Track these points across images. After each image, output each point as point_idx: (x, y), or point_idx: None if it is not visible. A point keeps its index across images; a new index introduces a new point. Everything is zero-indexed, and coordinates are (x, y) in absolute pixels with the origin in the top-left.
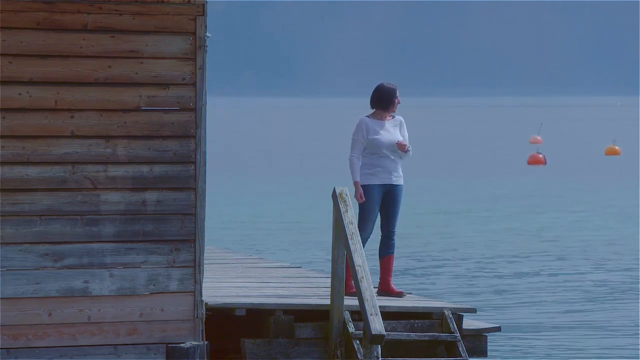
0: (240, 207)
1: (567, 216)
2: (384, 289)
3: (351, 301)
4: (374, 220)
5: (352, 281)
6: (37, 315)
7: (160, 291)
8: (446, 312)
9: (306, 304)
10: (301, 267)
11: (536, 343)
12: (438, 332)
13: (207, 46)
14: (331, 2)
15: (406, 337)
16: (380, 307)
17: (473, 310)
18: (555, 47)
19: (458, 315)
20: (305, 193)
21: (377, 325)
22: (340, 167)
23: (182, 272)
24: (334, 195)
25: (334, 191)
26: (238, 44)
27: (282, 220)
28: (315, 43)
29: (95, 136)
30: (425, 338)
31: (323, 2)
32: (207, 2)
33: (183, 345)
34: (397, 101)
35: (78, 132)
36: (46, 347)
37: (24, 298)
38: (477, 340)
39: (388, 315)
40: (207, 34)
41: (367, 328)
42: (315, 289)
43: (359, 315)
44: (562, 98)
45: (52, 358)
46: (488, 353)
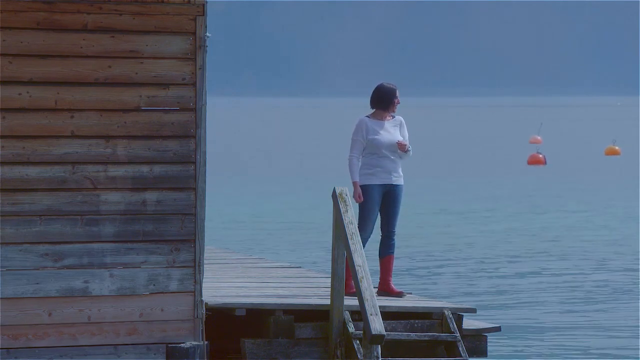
0: (240, 207)
1: (567, 216)
2: (384, 289)
3: (351, 301)
4: (374, 220)
5: (352, 281)
6: (37, 315)
7: (160, 291)
8: (446, 312)
9: (306, 304)
10: (301, 267)
11: (536, 343)
12: (438, 332)
13: (207, 46)
14: (331, 2)
15: (406, 337)
16: (380, 307)
17: (473, 310)
18: (555, 47)
19: (458, 315)
20: (305, 193)
21: (377, 325)
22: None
23: (182, 272)
24: (334, 195)
25: (334, 191)
26: (238, 44)
27: (282, 220)
28: (315, 43)
29: (95, 136)
30: (425, 338)
31: (323, 2)
32: (207, 2)
33: (183, 345)
34: (397, 101)
35: (78, 132)
36: (46, 347)
37: (24, 298)
38: (477, 340)
39: (388, 315)
40: (207, 34)
41: (367, 328)
42: (315, 289)
43: (359, 315)
44: (562, 98)
45: (52, 358)
46: (488, 353)
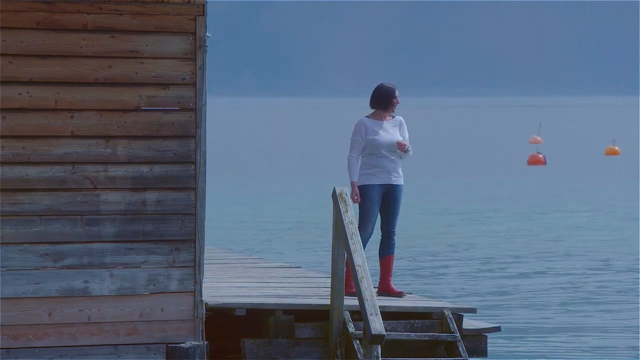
0: (240, 207)
1: (567, 216)
2: (384, 289)
3: (351, 301)
4: (374, 220)
5: (352, 281)
6: (37, 315)
7: (160, 291)
8: (446, 312)
9: (306, 304)
10: (301, 267)
11: (536, 343)
12: (438, 332)
13: (207, 46)
14: (331, 2)
15: (406, 337)
16: (380, 307)
17: (473, 310)
18: (555, 47)
19: (458, 315)
20: (305, 193)
21: (377, 325)
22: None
23: (182, 272)
24: (334, 195)
25: (334, 191)
26: (238, 44)
27: (282, 220)
28: (315, 43)
29: (95, 136)
30: (425, 338)
31: (323, 2)
32: (207, 2)
33: (183, 345)
34: (396, 101)
35: (78, 132)
36: (46, 347)
37: (24, 298)
38: (477, 340)
39: (388, 315)
40: (207, 34)
41: (367, 328)
42: (315, 289)
43: (359, 315)
44: (562, 98)
45: (52, 358)
46: (488, 353)
